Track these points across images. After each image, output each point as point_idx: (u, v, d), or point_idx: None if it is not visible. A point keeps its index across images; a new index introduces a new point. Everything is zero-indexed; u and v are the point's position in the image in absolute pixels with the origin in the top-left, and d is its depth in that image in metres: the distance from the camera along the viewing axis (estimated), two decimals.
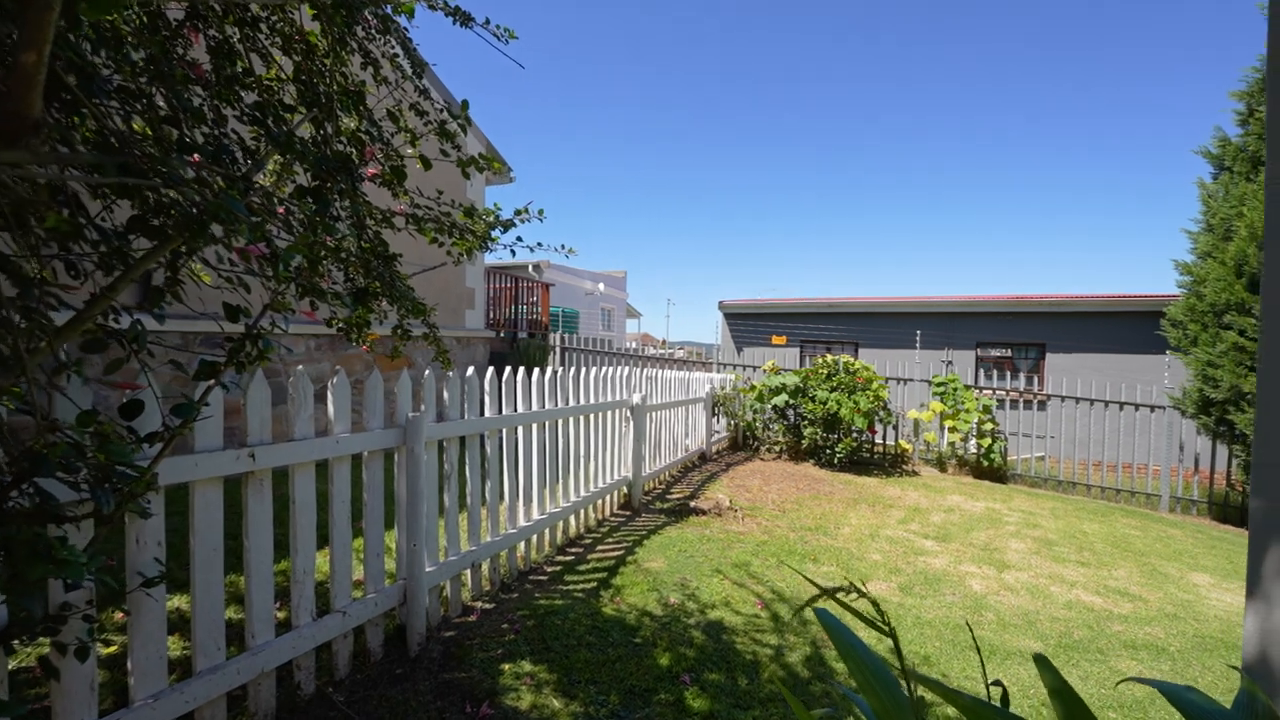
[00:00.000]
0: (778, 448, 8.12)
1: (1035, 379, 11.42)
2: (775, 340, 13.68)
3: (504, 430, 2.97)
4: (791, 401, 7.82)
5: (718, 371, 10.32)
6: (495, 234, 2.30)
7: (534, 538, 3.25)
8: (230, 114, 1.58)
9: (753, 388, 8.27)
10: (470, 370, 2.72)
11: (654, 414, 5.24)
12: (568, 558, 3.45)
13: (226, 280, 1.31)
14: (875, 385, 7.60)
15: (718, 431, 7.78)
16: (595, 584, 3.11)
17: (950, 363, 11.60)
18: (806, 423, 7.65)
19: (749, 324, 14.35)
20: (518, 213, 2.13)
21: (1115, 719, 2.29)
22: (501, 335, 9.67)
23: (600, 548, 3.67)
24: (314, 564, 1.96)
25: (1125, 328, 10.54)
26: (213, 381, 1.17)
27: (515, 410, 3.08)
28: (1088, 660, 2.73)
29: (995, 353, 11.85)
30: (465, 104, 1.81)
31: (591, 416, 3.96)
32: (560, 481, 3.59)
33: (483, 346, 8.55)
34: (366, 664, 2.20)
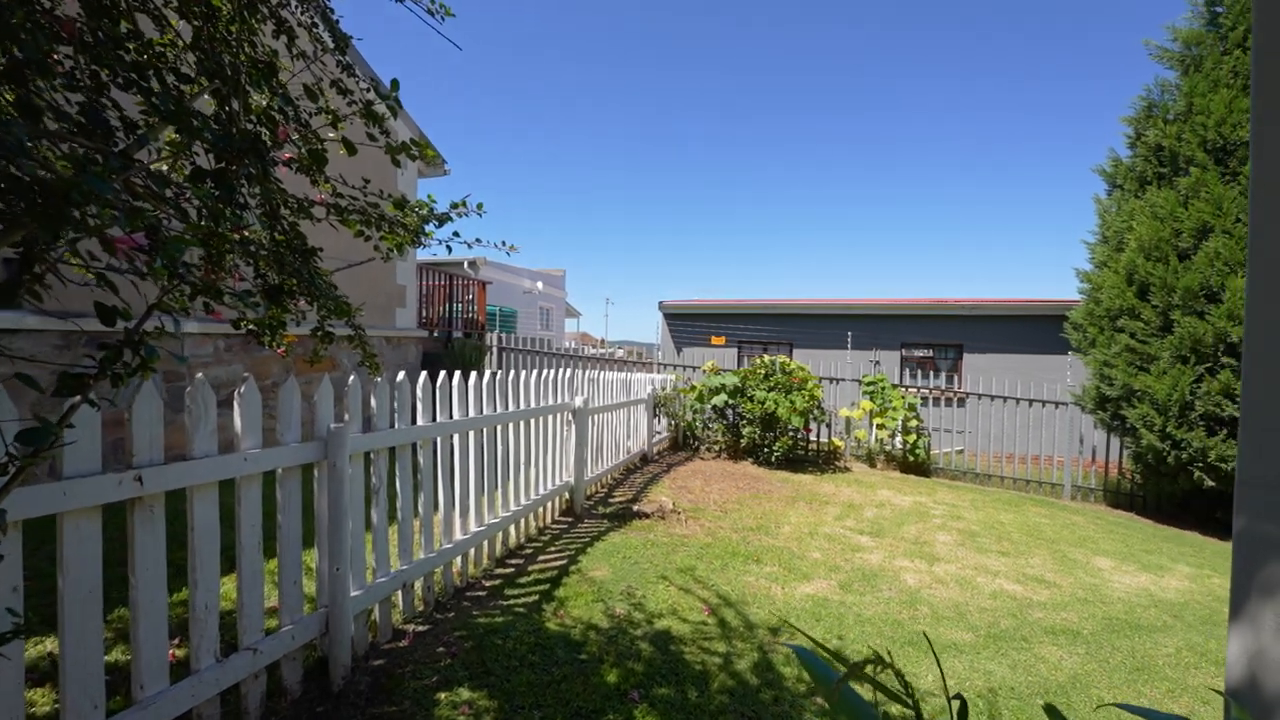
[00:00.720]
0: (717, 447, 8.21)
1: (954, 377, 12.17)
2: (714, 341, 13.88)
3: (438, 439, 2.78)
4: (731, 401, 7.92)
5: (658, 372, 10.34)
6: (430, 228, 2.13)
7: (472, 551, 3.07)
8: (116, 84, 1.34)
9: (693, 388, 8.32)
10: (401, 375, 2.52)
11: (596, 417, 5.13)
12: (508, 570, 3.29)
13: (98, 276, 1.10)
14: (810, 385, 7.82)
15: (659, 432, 7.77)
16: (537, 597, 2.98)
17: (878, 362, 12.15)
18: (745, 422, 7.77)
19: (688, 324, 14.49)
20: (454, 206, 1.97)
21: (1042, 705, 2.40)
22: (435, 335, 9.25)
23: (542, 557, 3.53)
24: (218, 597, 1.73)
25: (1034, 330, 11.42)
26: (78, 399, 0.97)
27: (451, 417, 2.90)
28: (1014, 649, 2.87)
29: (918, 353, 12.54)
30: (395, 84, 1.64)
31: (532, 421, 3.81)
32: (500, 490, 3.42)
33: (415, 347, 8.13)
34: (282, 704, 1.97)
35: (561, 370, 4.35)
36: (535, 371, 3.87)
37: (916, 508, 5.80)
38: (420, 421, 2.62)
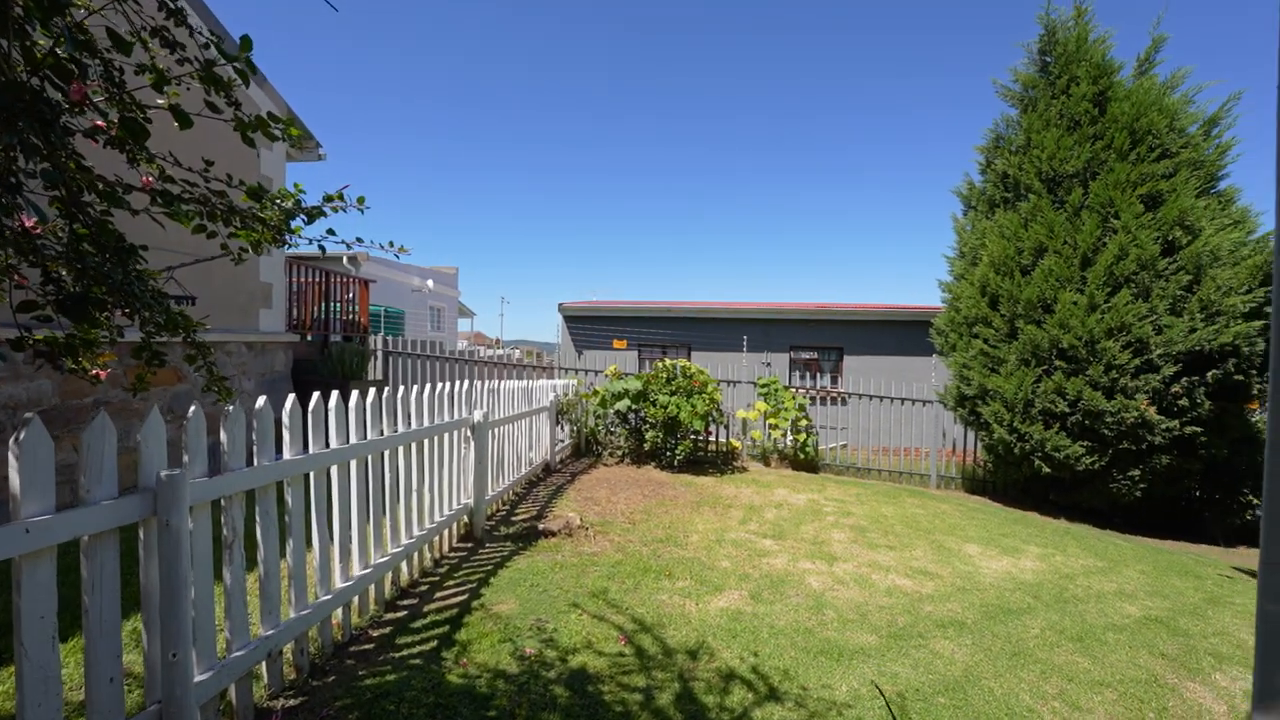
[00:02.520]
0: (620, 452, 8.12)
1: (837, 378, 13.09)
2: (616, 344, 13.80)
3: (312, 474, 2.36)
4: (634, 406, 7.85)
5: (560, 377, 10.04)
6: (297, 224, 1.76)
7: (356, 599, 2.67)
8: None
9: (595, 393, 8.16)
10: (261, 401, 2.09)
11: (497, 430, 4.79)
12: (400, 613, 2.91)
13: None
14: (710, 388, 7.96)
15: (561, 440, 7.51)
16: (436, 643, 2.64)
17: (769, 364, 12.73)
18: (648, 426, 7.74)
19: (589, 327, 14.29)
20: (328, 199, 1.63)
21: (944, 703, 2.52)
22: (309, 339, 8.26)
23: (440, 594, 3.17)
24: None
25: (905, 334, 12.59)
26: None
27: (327, 446, 2.48)
28: (914, 647, 3.01)
29: (805, 355, 13.34)
30: (247, 42, 1.29)
31: (426, 442, 3.43)
32: (390, 523, 3.02)
33: (284, 353, 7.18)
34: None
35: (459, 383, 3.97)
36: (428, 385, 3.49)
37: (811, 506, 6.07)
38: (288, 455, 2.20)
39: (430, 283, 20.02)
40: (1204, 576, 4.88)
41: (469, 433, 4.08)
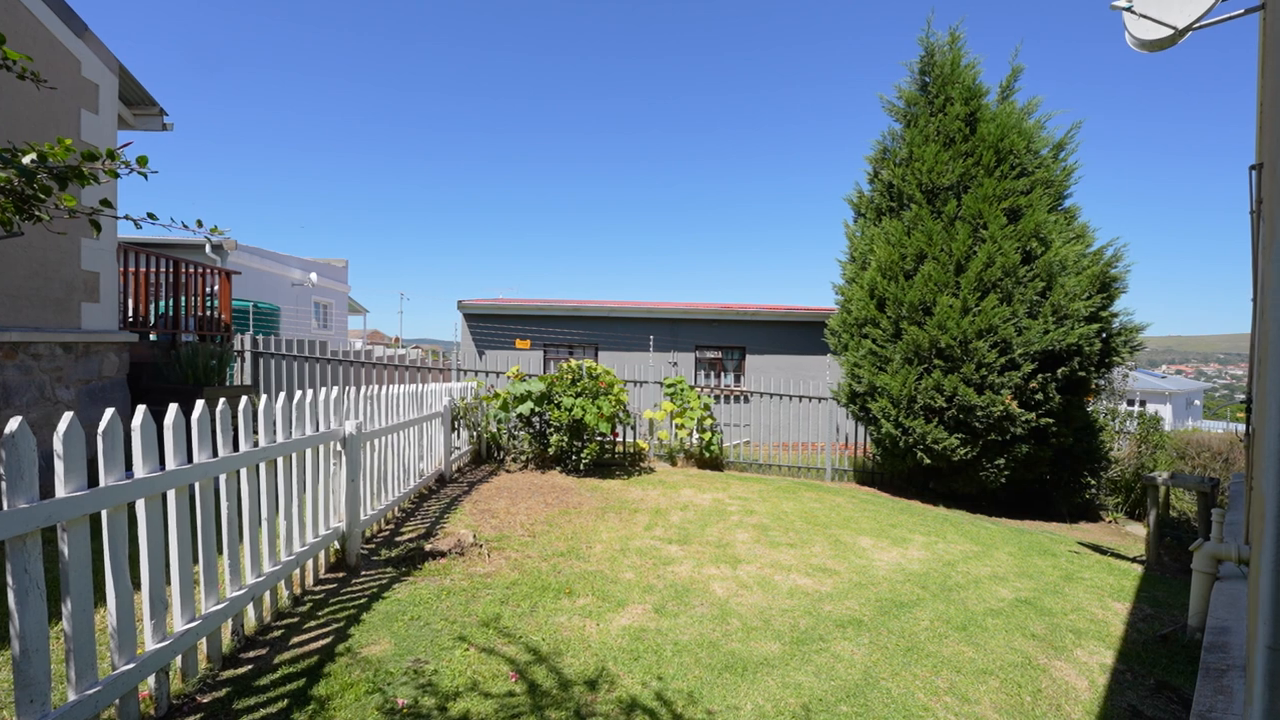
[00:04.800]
0: (524, 457, 7.75)
1: (740, 377, 13.44)
2: (519, 344, 13.27)
3: (106, 513, 1.87)
4: (538, 409, 7.51)
5: (458, 379, 9.44)
6: (54, 187, 1.32)
7: (178, 660, 2.18)
8: None
9: (497, 396, 7.72)
10: (15, 423, 1.59)
11: (377, 441, 4.29)
12: (243, 669, 2.43)
13: None
14: (616, 389, 7.79)
15: (458, 447, 7.01)
16: (286, 703, 2.22)
17: (676, 364, 12.80)
18: (553, 430, 7.44)
19: (491, 325, 13.64)
20: (89, 156, 1.22)
21: (847, 710, 2.48)
22: (154, 339, 7.12)
23: (298, 638, 2.71)
24: None
25: (803, 334, 13.15)
26: None
27: (127, 478, 1.99)
28: (816, 652, 2.99)
29: (710, 354, 13.58)
30: None
31: (281, 460, 2.93)
32: (228, 559, 2.53)
33: (115, 356, 6.09)
34: None
35: (328, 390, 3.47)
36: (283, 395, 2.99)
37: (716, 506, 6.07)
38: (63, 491, 1.71)
39: (314, 276, 18.24)
40: (1058, 554, 5.40)
41: (339, 446, 3.58)
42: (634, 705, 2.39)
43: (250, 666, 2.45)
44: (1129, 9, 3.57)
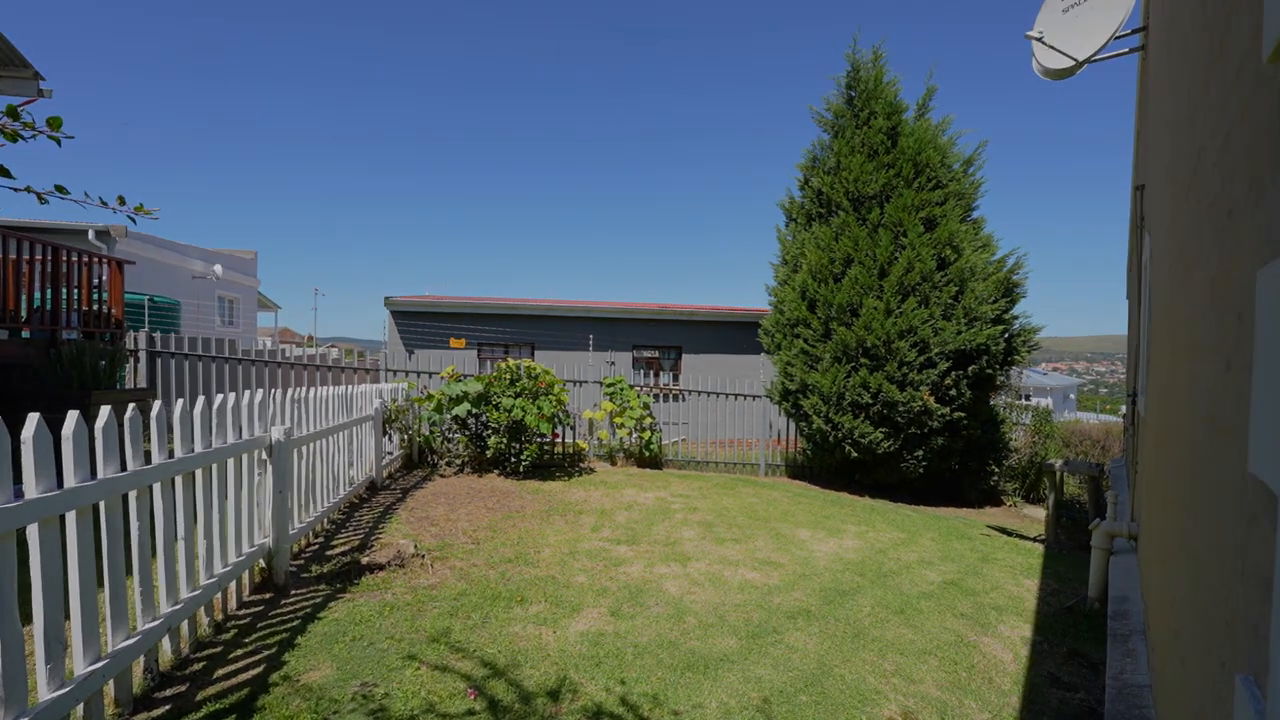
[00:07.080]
0: (460, 461, 7.46)
1: (677, 375, 13.61)
2: (454, 343, 12.76)
3: None
4: (474, 410, 7.26)
5: (386, 380, 8.95)
6: None
7: (80, 708, 1.91)
8: None
9: (430, 397, 7.39)
10: None
11: (306, 448, 3.98)
12: (158, 710, 2.17)
13: None
14: (557, 389, 7.67)
15: (390, 452, 6.64)
16: None
17: (614, 363, 12.77)
18: (491, 432, 7.21)
19: (422, 324, 13.04)
20: None
21: (806, 700, 2.56)
22: (29, 336, 6.24)
23: (224, 670, 2.46)
24: None
25: (737, 334, 13.51)
26: None
27: (17, 498, 1.72)
28: (771, 645, 3.06)
29: (647, 354, 13.67)
30: None
31: (200, 473, 2.64)
32: (142, 588, 2.24)
33: None
34: None
35: (253, 393, 3.17)
36: (202, 398, 2.69)
37: (660, 504, 6.11)
38: None
39: (218, 268, 16.71)
40: (973, 538, 5.85)
41: (265, 454, 3.28)
42: (600, 713, 2.35)
43: (168, 707, 2.19)
44: (1040, 39, 3.92)
